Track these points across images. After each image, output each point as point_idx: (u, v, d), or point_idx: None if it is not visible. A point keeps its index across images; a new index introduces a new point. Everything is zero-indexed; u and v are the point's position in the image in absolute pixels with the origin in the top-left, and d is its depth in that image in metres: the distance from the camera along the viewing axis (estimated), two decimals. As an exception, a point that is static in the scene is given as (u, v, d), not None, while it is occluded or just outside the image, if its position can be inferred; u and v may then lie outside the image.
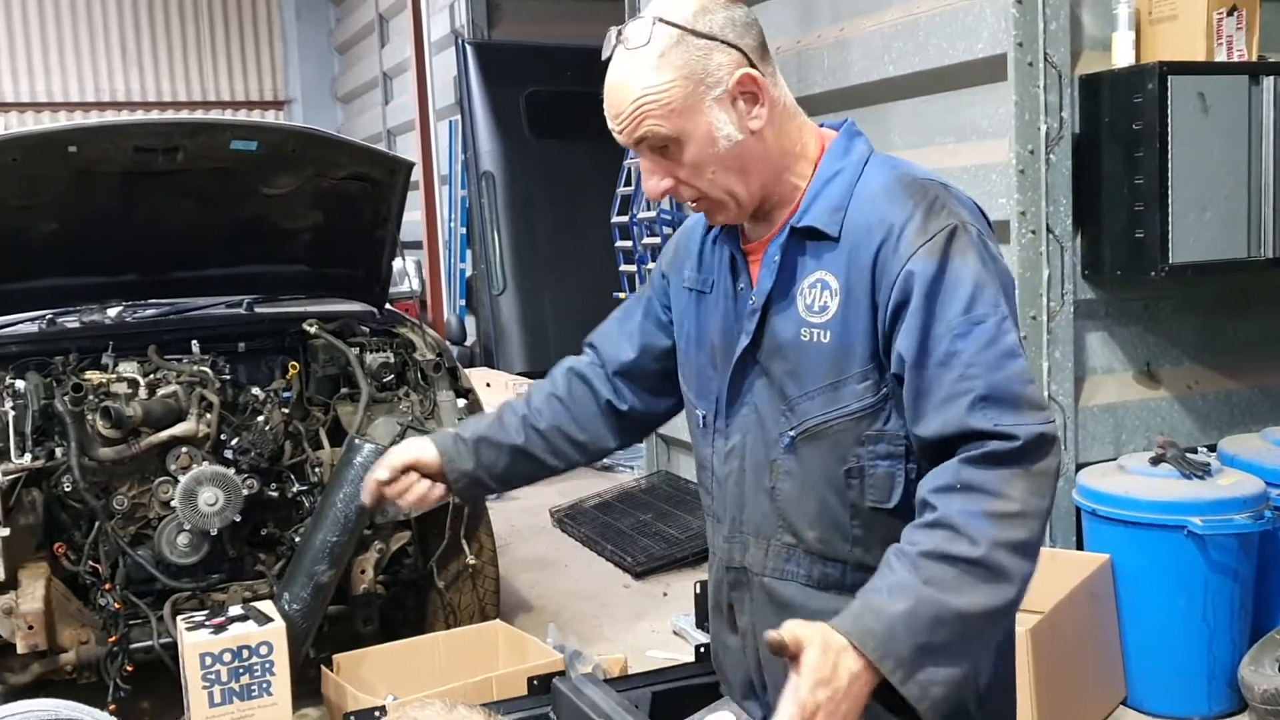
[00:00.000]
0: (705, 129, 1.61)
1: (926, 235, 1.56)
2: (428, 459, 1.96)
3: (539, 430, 1.99)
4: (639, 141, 1.63)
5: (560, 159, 8.03)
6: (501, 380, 7.35)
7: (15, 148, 3.55)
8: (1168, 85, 3.56)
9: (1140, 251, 3.67)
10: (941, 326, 1.53)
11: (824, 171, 1.68)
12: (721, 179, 1.64)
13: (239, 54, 13.17)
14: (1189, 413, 4.10)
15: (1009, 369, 1.52)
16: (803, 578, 1.71)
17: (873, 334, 1.60)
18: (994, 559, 1.44)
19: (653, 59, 1.60)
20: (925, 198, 1.60)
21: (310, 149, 3.90)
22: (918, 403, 1.55)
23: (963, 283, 1.54)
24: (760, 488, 1.73)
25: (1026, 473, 1.48)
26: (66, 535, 3.70)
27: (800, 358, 1.66)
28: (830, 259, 1.64)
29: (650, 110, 1.60)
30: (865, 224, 1.61)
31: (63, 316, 4.23)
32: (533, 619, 4.65)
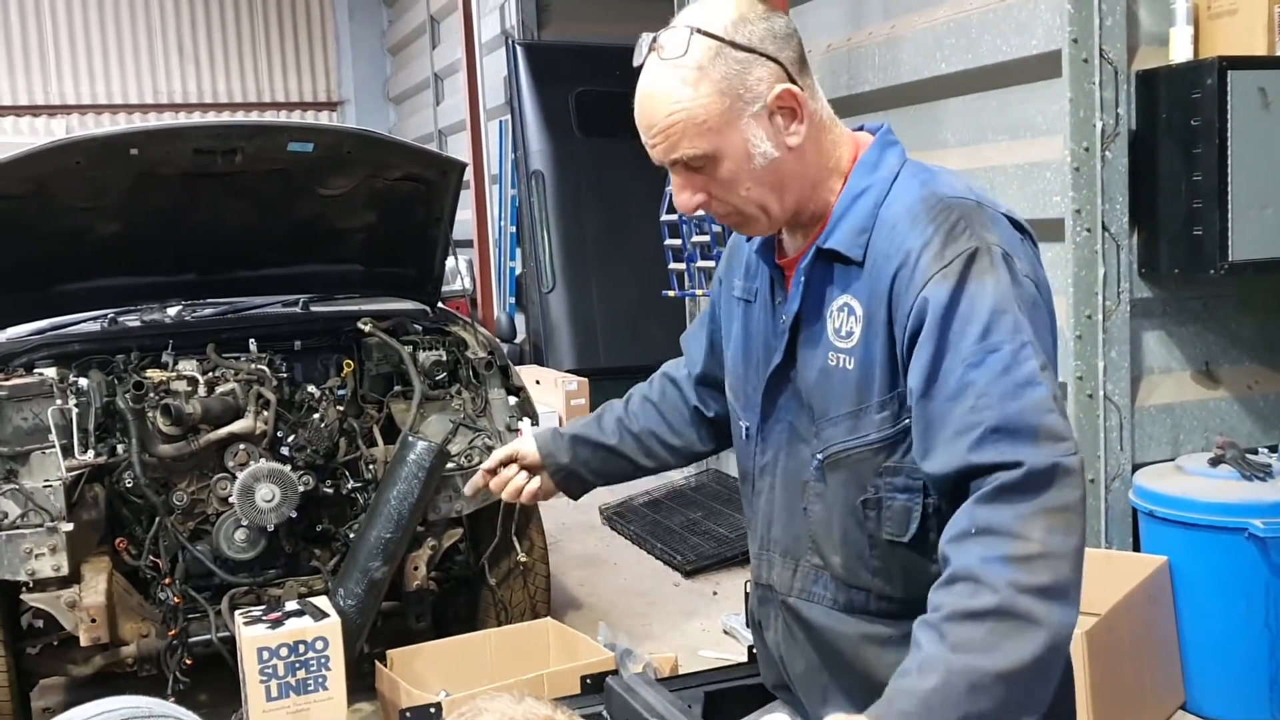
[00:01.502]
0: (741, 146, 1.55)
1: (943, 261, 1.48)
2: (527, 451, 2.04)
3: (633, 432, 2.02)
4: (672, 161, 1.58)
5: (609, 157, 8.04)
6: (551, 377, 7.38)
7: (79, 150, 3.62)
8: (1227, 80, 3.50)
9: (1199, 249, 3.62)
10: (954, 357, 1.45)
11: (851, 189, 1.61)
12: (756, 195, 1.59)
13: (293, 56, 13.31)
14: (1249, 413, 4.03)
15: (1026, 398, 1.42)
16: (829, 601, 1.68)
17: (891, 363, 1.54)
18: (1018, 606, 1.33)
19: (689, 73, 1.53)
20: (947, 220, 1.52)
21: (365, 150, 3.95)
22: (926, 437, 1.47)
23: (978, 310, 1.45)
24: (792, 508, 1.70)
25: (1043, 509, 1.37)
26: (127, 530, 3.77)
27: (826, 382, 1.61)
28: (855, 284, 1.58)
29: (684, 128, 1.54)
30: (886, 249, 1.55)
31: (124, 315, 4.31)
32: (583, 617, 4.66)
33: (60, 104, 12.46)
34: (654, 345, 7.73)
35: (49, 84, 12.44)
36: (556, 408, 7.15)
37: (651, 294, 6.66)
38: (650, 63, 1.58)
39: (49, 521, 3.44)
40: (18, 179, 3.60)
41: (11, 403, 3.57)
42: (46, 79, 12.43)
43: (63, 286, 4.14)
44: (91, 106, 12.52)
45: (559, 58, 8.45)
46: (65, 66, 12.46)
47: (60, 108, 12.45)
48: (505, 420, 4.06)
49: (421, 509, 3.75)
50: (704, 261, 5.98)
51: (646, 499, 6.14)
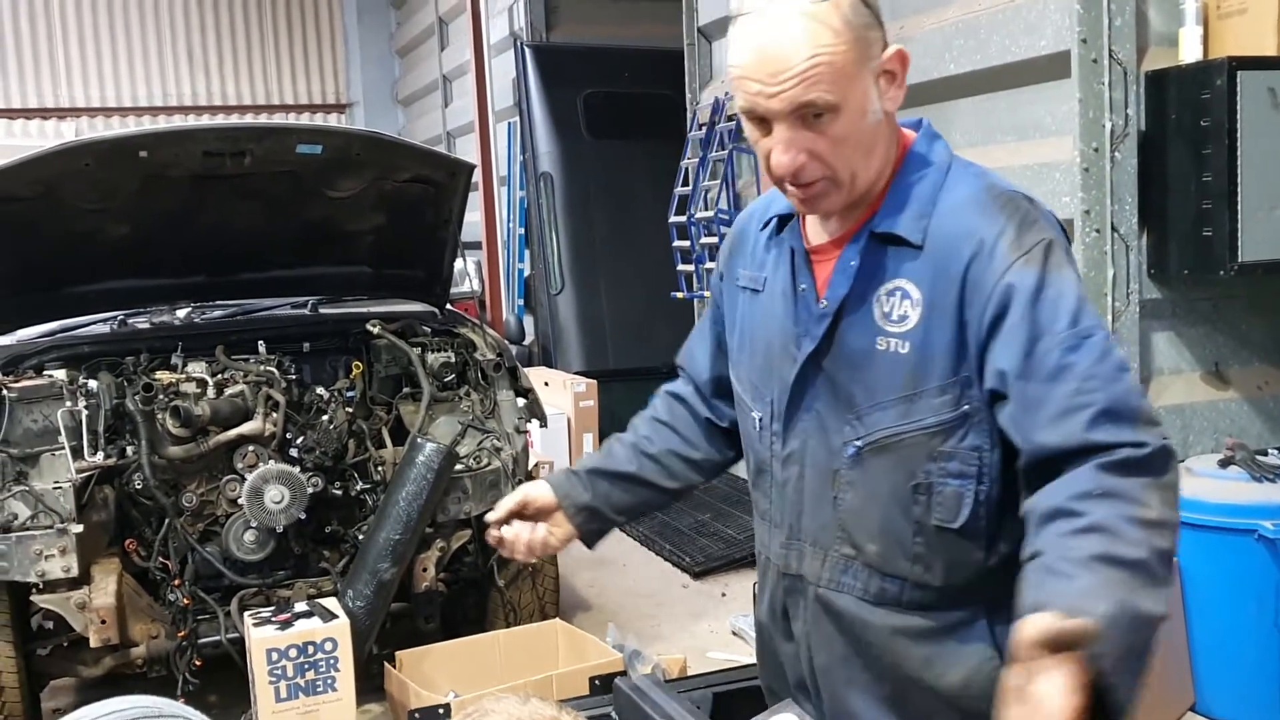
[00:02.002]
0: (862, 101, 1.53)
1: (1022, 248, 1.51)
2: (541, 494, 1.91)
3: (651, 455, 1.94)
4: (798, 108, 1.51)
5: (618, 159, 8.04)
6: (560, 379, 7.38)
7: (88, 153, 3.63)
8: (1237, 81, 3.49)
9: (1208, 250, 3.61)
10: (1049, 339, 1.48)
11: (907, 174, 1.62)
12: (855, 158, 1.56)
13: (302, 58, 13.34)
14: (1259, 414, 4.02)
15: (1125, 382, 1.48)
16: (859, 591, 1.67)
17: (957, 348, 1.54)
18: (1154, 565, 1.40)
19: (834, 17, 1.50)
20: (1016, 211, 1.55)
21: (374, 152, 3.96)
22: (1028, 416, 1.49)
23: (1065, 295, 1.50)
24: (821, 497, 1.68)
25: (1158, 483, 1.44)
26: (137, 532, 3.78)
27: (873, 367, 1.60)
28: (911, 267, 1.58)
29: (823, 73, 1.49)
30: (953, 234, 1.55)
31: (133, 318, 4.32)
32: (591, 618, 4.66)
33: (69, 106, 12.50)
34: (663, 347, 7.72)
35: (58, 87, 12.48)
36: (565, 409, 7.14)
37: (660, 296, 6.66)
38: (779, 6, 1.51)
39: (59, 523, 3.45)
40: (27, 181, 3.62)
41: (21, 404, 3.59)
42: (56, 82, 12.47)
43: (72, 288, 4.15)
44: (101, 109, 12.56)
45: (568, 59, 8.45)
46: (75, 69, 12.50)
47: (69, 110, 12.49)
48: (514, 422, 4.07)
49: (430, 510, 3.76)
50: (712, 263, 5.98)
51: (655, 500, 6.13)
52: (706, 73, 6.28)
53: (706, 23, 6.17)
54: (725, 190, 5.83)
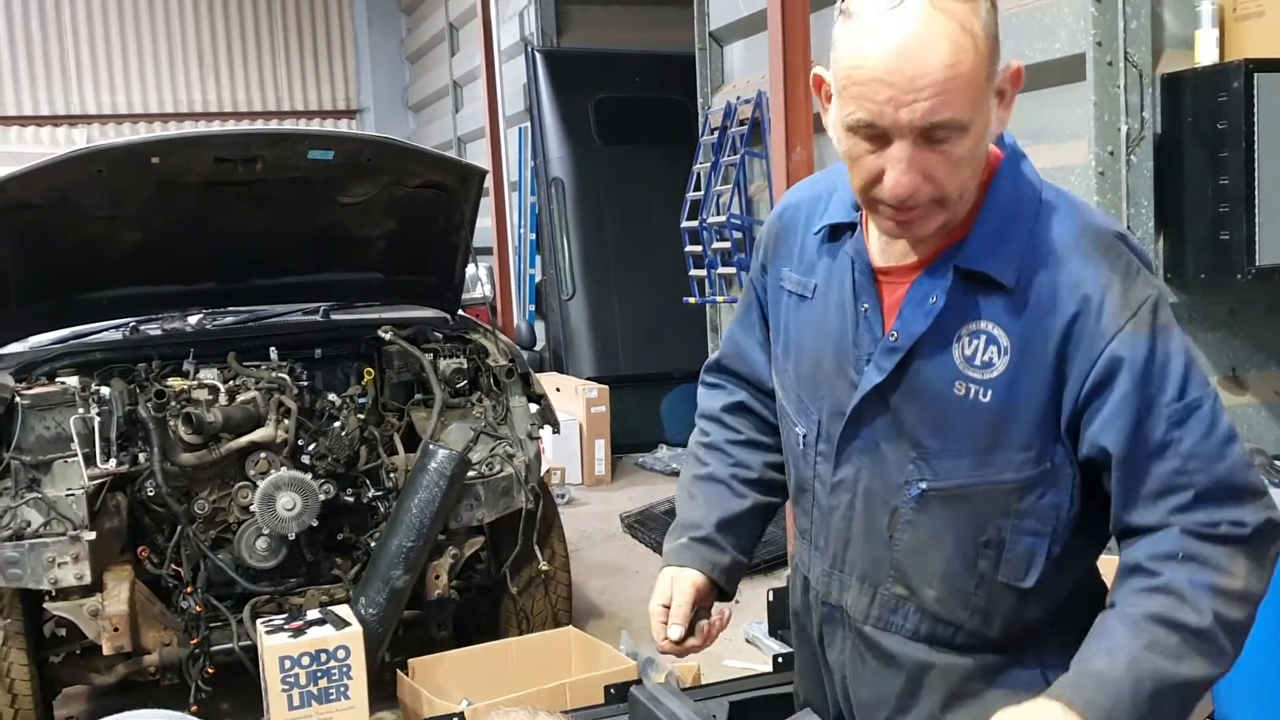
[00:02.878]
0: (985, 120, 1.40)
1: (1130, 309, 1.41)
2: (696, 583, 1.77)
3: (753, 480, 1.81)
4: (930, 126, 1.35)
5: (629, 165, 8.04)
6: (572, 385, 7.37)
7: (101, 159, 3.63)
8: (1254, 83, 3.46)
9: (1226, 254, 3.58)
10: (1156, 415, 1.40)
11: (996, 204, 1.47)
12: (967, 180, 1.43)
13: (312, 65, 13.38)
14: (1277, 419, 3.99)
15: (1230, 456, 1.42)
16: (908, 631, 1.59)
17: (1050, 404, 1.44)
18: (1215, 634, 1.38)
19: (972, 17, 1.34)
20: (1119, 260, 1.44)
21: (385, 158, 3.95)
22: (1129, 491, 1.43)
23: (1173, 363, 1.41)
24: (874, 532, 1.58)
25: (1250, 554, 1.42)
26: (149, 539, 3.78)
27: (949, 411, 1.48)
28: (1000, 311, 1.45)
29: (962, 86, 1.34)
30: (1053, 283, 1.43)
31: (145, 324, 4.32)
32: (604, 625, 4.65)
33: (81, 114, 12.55)
34: (674, 353, 7.77)
35: (70, 94, 12.54)
36: (577, 415, 7.14)
37: (672, 301, 6.65)
38: (916, 8, 1.33)
39: (71, 530, 3.45)
40: (40, 188, 3.62)
41: (34, 412, 3.59)
42: (68, 89, 12.53)
43: (84, 295, 4.15)
44: (112, 116, 12.61)
45: (578, 65, 8.45)
46: (86, 77, 12.55)
47: (81, 118, 12.54)
48: (526, 428, 4.06)
49: (443, 517, 3.74)
50: (724, 268, 5.97)
51: (667, 507, 6.12)
52: (718, 77, 6.27)
53: (718, 27, 6.16)
54: (737, 195, 5.82)
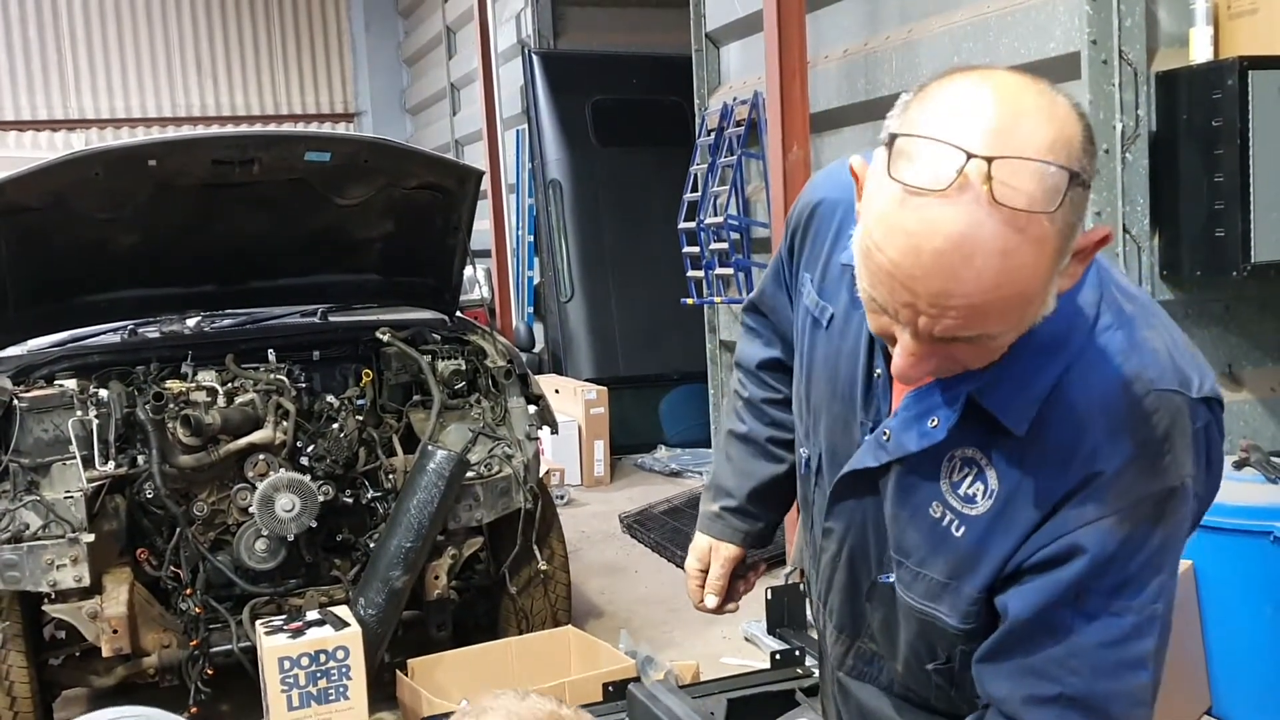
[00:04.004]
0: (1039, 312, 1.15)
1: (1128, 500, 1.22)
2: (735, 555, 1.78)
3: (789, 442, 1.73)
4: (950, 339, 1.15)
5: (626, 166, 8.05)
6: (570, 386, 7.38)
7: (98, 162, 3.64)
8: (1248, 81, 3.47)
9: (1221, 251, 3.59)
10: (1074, 598, 1.24)
11: (1034, 338, 1.20)
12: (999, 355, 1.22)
13: (310, 68, 13.39)
14: (1273, 415, 3.99)
15: (1121, 682, 1.24)
16: (883, 683, 1.55)
17: (1007, 561, 1.29)
18: None
19: (1042, 230, 1.07)
20: (1154, 435, 1.22)
21: (382, 159, 3.96)
22: (998, 648, 1.29)
23: (1132, 561, 1.23)
24: (854, 592, 1.51)
25: None
26: (148, 541, 3.78)
27: (924, 529, 1.34)
28: (1001, 453, 1.27)
29: (1006, 308, 1.10)
30: (1069, 449, 1.23)
31: (143, 327, 4.33)
32: (603, 624, 4.65)
33: (80, 118, 12.56)
34: (672, 354, 7.79)
35: (68, 98, 12.55)
36: (576, 417, 7.14)
37: (670, 302, 6.65)
38: (967, 199, 1.06)
39: (70, 532, 3.45)
40: (37, 191, 3.63)
41: (32, 414, 3.59)
42: (66, 93, 12.53)
43: (83, 298, 4.16)
44: (111, 120, 12.62)
45: (575, 67, 8.46)
46: (84, 81, 12.56)
47: (80, 122, 12.55)
48: (525, 429, 4.06)
49: (442, 518, 3.75)
50: (722, 269, 5.97)
51: (666, 506, 6.13)
52: (715, 78, 6.27)
53: (714, 28, 6.16)
54: (734, 196, 5.82)
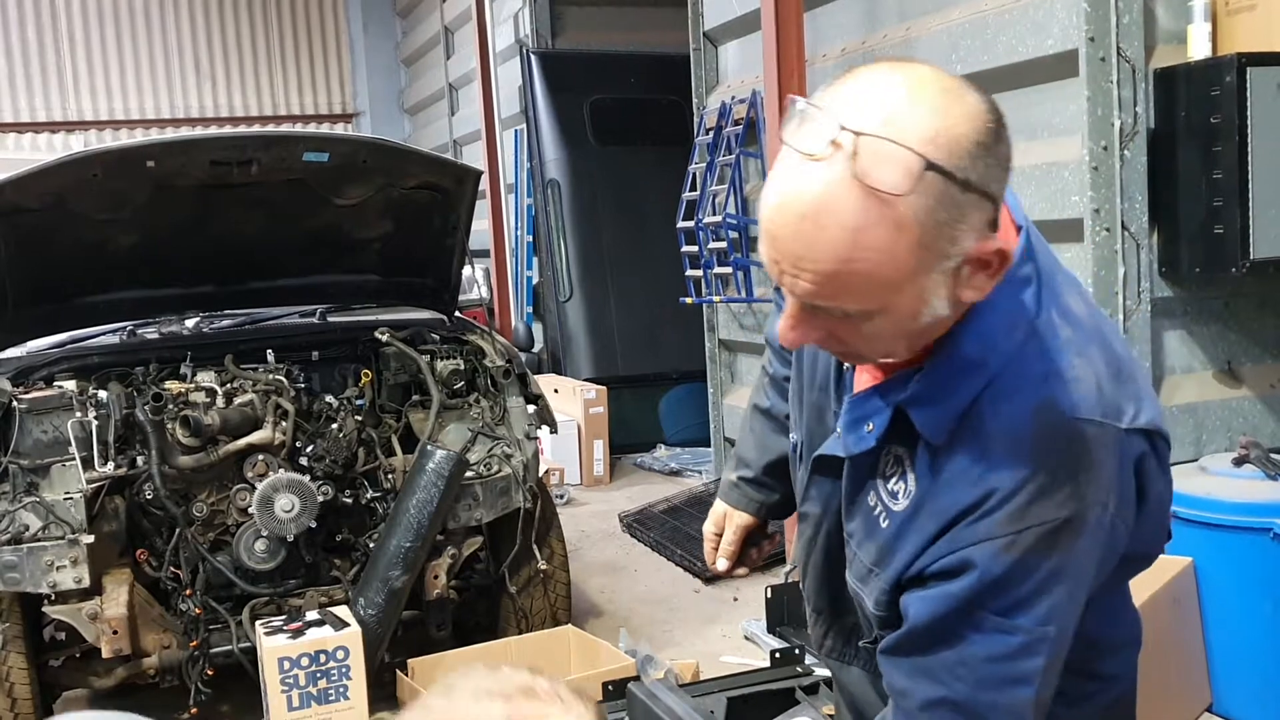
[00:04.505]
0: (913, 305, 1.19)
1: (1018, 525, 1.25)
2: (745, 518, 1.84)
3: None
4: (813, 307, 1.21)
5: (625, 165, 8.05)
6: (569, 386, 7.38)
7: (96, 163, 3.63)
8: (1247, 77, 3.48)
9: (1220, 247, 3.59)
10: (968, 613, 1.28)
11: (958, 350, 1.27)
12: (889, 346, 1.27)
13: (308, 69, 13.39)
14: (1272, 412, 4.00)
15: (1004, 696, 1.28)
16: (862, 663, 1.60)
17: (911, 562, 1.34)
18: None
19: (895, 215, 1.12)
20: (1049, 463, 1.25)
21: (381, 159, 3.95)
22: (899, 644, 1.34)
23: (1022, 586, 1.26)
24: (828, 569, 1.58)
25: None
26: (148, 542, 3.78)
27: (861, 516, 1.42)
28: (921, 459, 1.32)
29: (860, 285, 1.16)
30: (968, 465, 1.27)
31: (142, 328, 4.32)
32: (603, 624, 4.65)
33: (79, 119, 12.55)
34: (672, 353, 7.79)
35: (67, 100, 12.54)
36: (575, 416, 7.14)
37: (669, 301, 6.65)
38: (826, 165, 1.12)
39: (70, 534, 3.45)
40: (36, 192, 3.62)
41: (32, 416, 3.59)
42: (65, 95, 12.53)
43: (82, 299, 4.16)
44: (109, 122, 12.61)
45: (573, 66, 8.46)
46: (83, 82, 12.56)
47: (79, 123, 12.54)
48: (524, 428, 4.06)
49: (441, 518, 3.75)
50: (720, 268, 5.97)
51: (666, 505, 6.12)
52: (713, 77, 6.27)
53: (712, 27, 6.17)
54: (733, 194, 5.83)
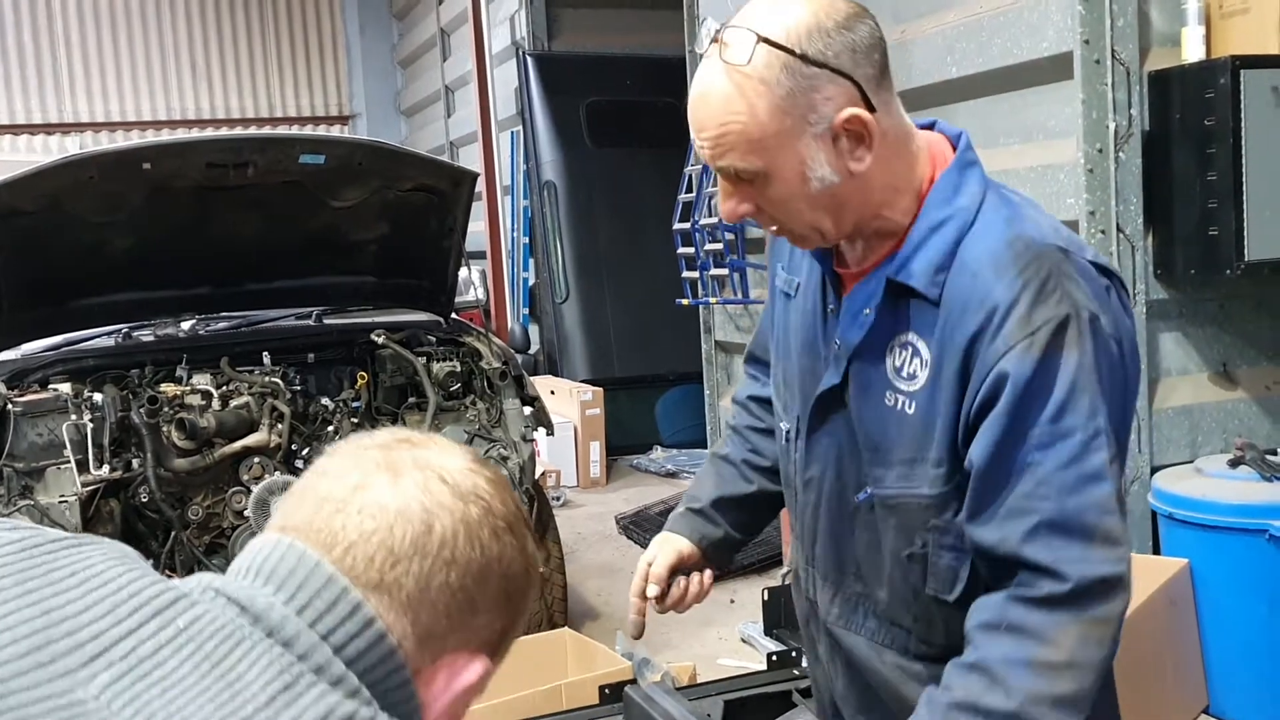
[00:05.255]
0: (797, 168, 1.41)
1: (1029, 328, 1.37)
2: (682, 546, 1.83)
3: (763, 469, 1.85)
4: (720, 169, 1.45)
5: (621, 167, 8.06)
6: (566, 388, 7.38)
7: (93, 165, 3.63)
8: (1240, 80, 3.48)
9: (1214, 249, 3.59)
10: (1023, 435, 1.37)
11: (929, 218, 1.47)
12: (809, 217, 1.46)
13: (304, 71, 13.38)
14: (1267, 413, 4.00)
15: (1087, 495, 1.36)
16: (869, 632, 1.62)
17: (955, 421, 1.43)
18: (1029, 713, 1.33)
19: (750, 84, 1.38)
20: (1038, 274, 1.39)
21: (377, 161, 3.95)
22: (979, 506, 1.41)
23: (1057, 387, 1.36)
24: (835, 531, 1.62)
25: (1080, 619, 1.35)
26: (143, 545, 3.77)
27: (883, 420, 1.50)
28: (925, 323, 1.45)
29: (737, 141, 1.40)
30: (965, 298, 1.41)
31: (138, 330, 4.32)
32: (600, 626, 4.65)
33: (74, 121, 12.53)
34: (668, 354, 7.79)
35: (63, 102, 12.52)
36: (571, 418, 7.14)
37: (665, 303, 6.65)
38: (710, 57, 1.42)
39: (65, 537, 3.44)
40: (32, 195, 3.62)
41: (26, 418, 3.59)
42: (60, 97, 12.51)
43: (77, 302, 4.15)
44: (105, 124, 12.59)
45: (570, 68, 8.47)
46: (79, 84, 12.54)
47: (74, 125, 12.52)
48: (520, 430, 4.06)
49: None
50: (717, 270, 5.97)
51: (662, 508, 6.12)
52: (708, 79, 6.27)
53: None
54: (729, 196, 5.82)
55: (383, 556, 0.94)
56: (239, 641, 0.85)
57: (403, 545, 0.94)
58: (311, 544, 0.94)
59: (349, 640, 0.90)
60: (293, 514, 0.97)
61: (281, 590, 0.91)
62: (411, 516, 0.95)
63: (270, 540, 0.95)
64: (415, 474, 0.97)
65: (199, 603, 0.88)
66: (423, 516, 0.95)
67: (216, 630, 0.86)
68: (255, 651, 0.85)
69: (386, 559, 0.94)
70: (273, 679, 0.83)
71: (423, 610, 0.94)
